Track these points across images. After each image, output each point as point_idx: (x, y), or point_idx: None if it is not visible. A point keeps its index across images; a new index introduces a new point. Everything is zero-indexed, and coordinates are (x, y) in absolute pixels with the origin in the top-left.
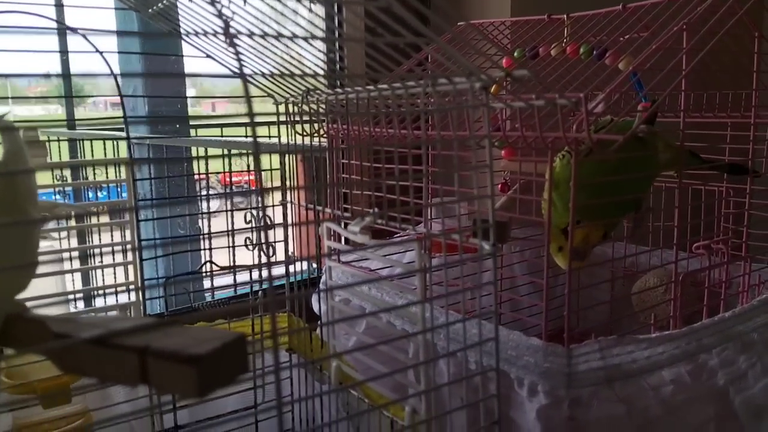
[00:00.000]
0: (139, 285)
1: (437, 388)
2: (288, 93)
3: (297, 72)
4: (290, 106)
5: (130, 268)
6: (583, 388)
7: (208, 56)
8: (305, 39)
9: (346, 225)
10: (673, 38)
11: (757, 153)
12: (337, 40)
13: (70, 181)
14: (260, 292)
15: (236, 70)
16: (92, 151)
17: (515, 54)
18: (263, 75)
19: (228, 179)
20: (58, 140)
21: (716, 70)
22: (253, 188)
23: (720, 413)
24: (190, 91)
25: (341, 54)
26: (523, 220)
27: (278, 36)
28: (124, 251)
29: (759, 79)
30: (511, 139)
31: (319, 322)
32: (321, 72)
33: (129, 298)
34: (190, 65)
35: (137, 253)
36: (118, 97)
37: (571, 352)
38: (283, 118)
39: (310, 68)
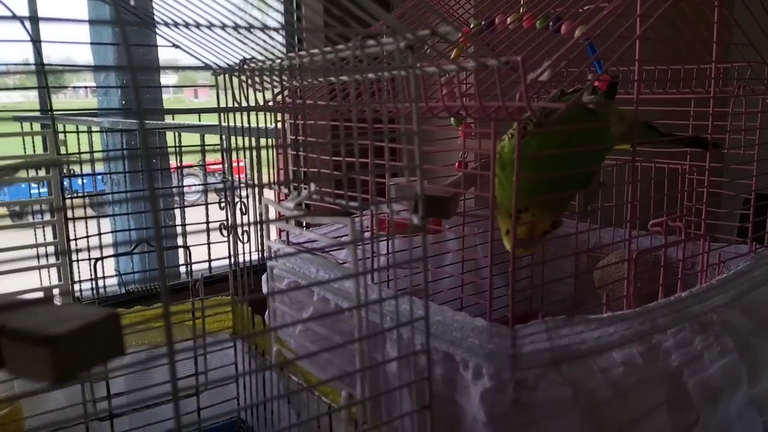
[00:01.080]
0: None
1: (371, 367)
2: (224, 61)
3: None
4: (226, 77)
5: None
6: (529, 370)
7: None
8: None
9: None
10: (627, 3)
11: (721, 129)
12: None
13: None
14: (201, 275)
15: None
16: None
17: (471, 24)
18: (175, 24)
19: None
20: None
21: (674, 41)
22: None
23: (672, 396)
24: (173, 78)
25: (295, 13)
26: (477, 197)
27: None
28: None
29: (719, 52)
30: (453, 109)
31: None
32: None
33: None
34: (164, 53)
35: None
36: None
37: (516, 332)
38: (222, 92)
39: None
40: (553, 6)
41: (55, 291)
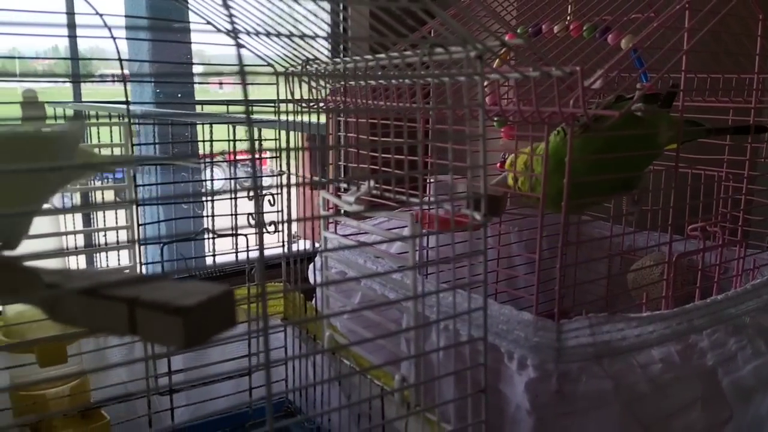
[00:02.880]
0: (137, 244)
1: (426, 354)
2: (288, 63)
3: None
4: (290, 78)
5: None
6: (572, 363)
7: (208, 23)
8: None
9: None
10: (676, 17)
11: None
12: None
13: None
14: (256, 262)
15: (225, 29)
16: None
17: (518, 30)
18: (257, 33)
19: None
20: (64, 112)
21: (719, 53)
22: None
23: (707, 393)
24: (198, 68)
25: (345, 15)
26: (521, 196)
27: None
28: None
29: (761, 64)
30: (508, 113)
31: (314, 292)
32: (322, 35)
33: (129, 261)
34: (197, 39)
35: (135, 211)
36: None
37: (561, 327)
38: (282, 89)
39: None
40: (600, 15)
41: (126, 272)
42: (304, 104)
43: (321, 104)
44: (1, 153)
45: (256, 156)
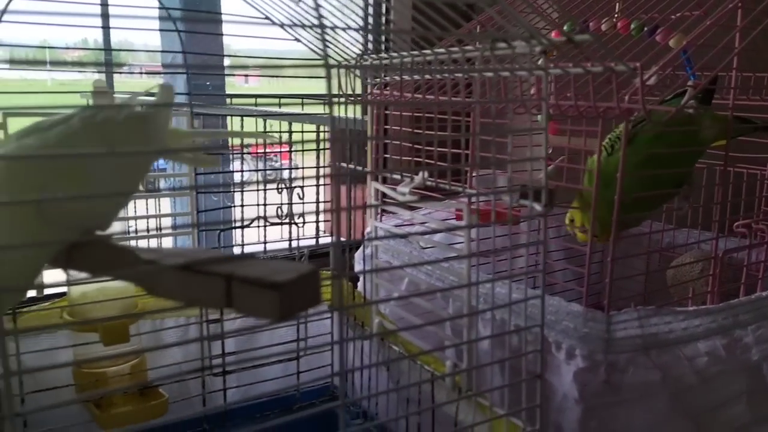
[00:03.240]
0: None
1: (481, 339)
2: (341, 56)
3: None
4: (340, 71)
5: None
6: (621, 354)
7: (266, 17)
8: None
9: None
10: (727, 16)
11: None
12: None
13: None
14: (306, 250)
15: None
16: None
17: (565, 27)
18: (312, 27)
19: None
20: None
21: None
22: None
23: (752, 387)
24: (226, 61)
25: (388, 6)
26: (569, 189)
27: None
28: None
29: None
30: (564, 107)
31: (360, 279)
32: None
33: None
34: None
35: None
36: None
37: (611, 318)
38: (335, 83)
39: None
40: (649, 13)
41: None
42: (354, 97)
43: (371, 97)
44: (95, 137)
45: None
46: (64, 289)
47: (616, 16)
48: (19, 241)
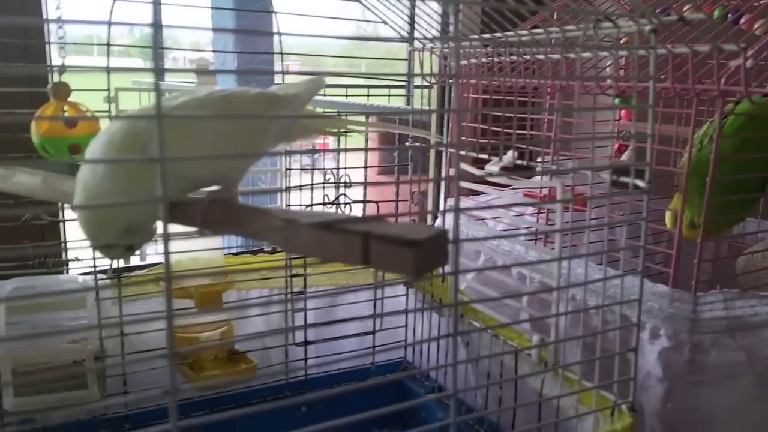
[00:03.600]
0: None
1: (566, 313)
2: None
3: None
4: (421, 54)
5: None
6: (706, 334)
7: None
8: None
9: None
10: None
11: None
12: None
13: None
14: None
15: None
16: None
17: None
18: None
19: None
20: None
21: None
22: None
23: None
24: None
25: None
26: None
27: None
28: None
29: None
30: (660, 90)
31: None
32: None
33: None
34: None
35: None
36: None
37: (698, 299)
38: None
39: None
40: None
41: None
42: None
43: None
44: (235, 108)
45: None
46: (160, 258)
47: (699, 2)
48: (143, 193)
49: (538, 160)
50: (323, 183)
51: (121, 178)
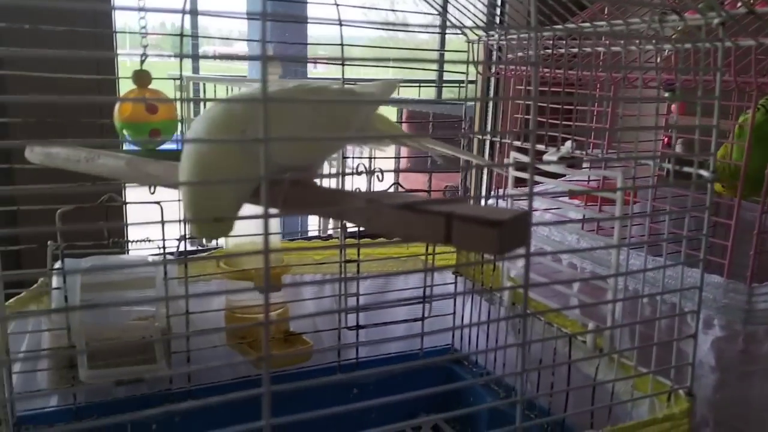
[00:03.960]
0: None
1: (628, 299)
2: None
3: None
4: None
5: None
6: (760, 325)
7: None
8: None
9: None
10: None
11: None
12: None
13: None
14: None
15: None
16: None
17: (700, 6)
18: None
19: None
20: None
21: None
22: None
23: None
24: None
25: None
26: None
27: None
28: None
29: None
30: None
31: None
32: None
33: None
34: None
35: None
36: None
37: (753, 290)
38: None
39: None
40: None
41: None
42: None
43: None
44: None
45: None
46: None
47: None
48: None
49: (588, 151)
50: (353, 172)
51: (222, 158)
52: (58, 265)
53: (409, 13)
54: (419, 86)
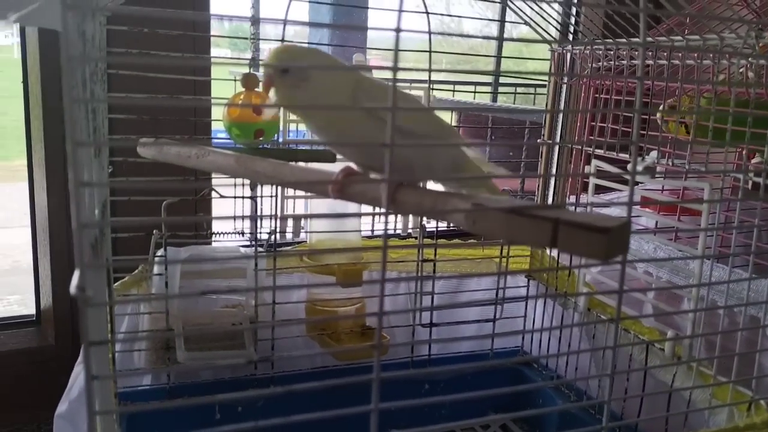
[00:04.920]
0: None
1: (709, 309)
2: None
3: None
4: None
5: None
6: None
7: None
8: None
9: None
10: None
11: None
12: None
13: None
14: None
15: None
16: None
17: None
18: None
19: None
20: None
21: None
22: None
23: None
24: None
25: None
26: None
27: None
28: None
29: None
30: None
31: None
32: None
33: None
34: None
35: None
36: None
37: None
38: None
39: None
40: None
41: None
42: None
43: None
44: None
45: None
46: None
47: None
48: None
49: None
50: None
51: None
52: (159, 253)
53: (494, 21)
54: (474, 91)
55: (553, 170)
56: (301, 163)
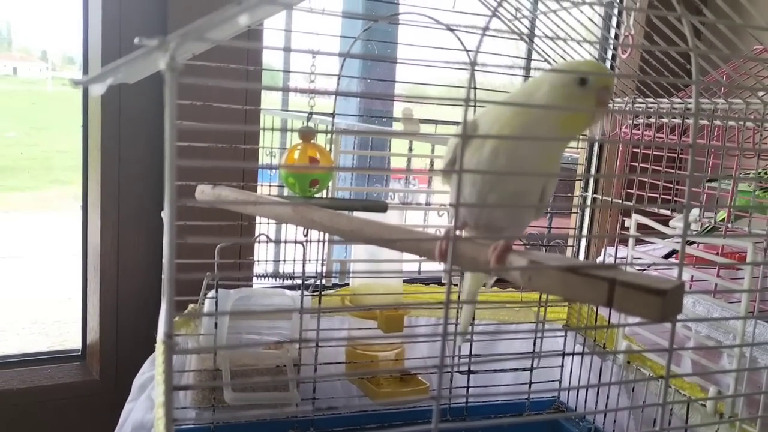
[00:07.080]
0: None
1: (752, 369)
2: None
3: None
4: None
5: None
6: None
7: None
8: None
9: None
10: None
11: None
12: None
13: None
14: None
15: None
16: None
17: None
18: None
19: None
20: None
21: None
22: None
23: None
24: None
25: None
26: None
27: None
28: None
29: None
30: None
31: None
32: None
33: None
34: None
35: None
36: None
37: None
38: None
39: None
40: None
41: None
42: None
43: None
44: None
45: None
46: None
47: None
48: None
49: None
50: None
51: None
52: (210, 293)
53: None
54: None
55: (586, 219)
56: (356, 213)
